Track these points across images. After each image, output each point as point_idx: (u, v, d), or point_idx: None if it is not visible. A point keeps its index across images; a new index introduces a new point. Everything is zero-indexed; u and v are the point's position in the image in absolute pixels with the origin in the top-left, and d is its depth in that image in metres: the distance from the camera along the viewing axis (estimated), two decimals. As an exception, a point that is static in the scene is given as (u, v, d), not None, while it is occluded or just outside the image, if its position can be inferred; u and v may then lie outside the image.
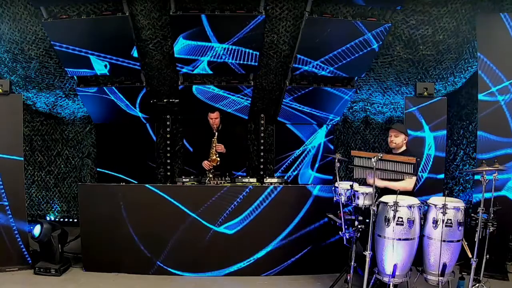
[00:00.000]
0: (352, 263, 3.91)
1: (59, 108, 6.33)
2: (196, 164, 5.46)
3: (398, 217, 3.58)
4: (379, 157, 3.67)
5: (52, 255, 4.53)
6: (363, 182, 4.54)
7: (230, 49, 5.12)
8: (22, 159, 4.74)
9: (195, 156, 5.58)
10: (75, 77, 5.53)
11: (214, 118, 5.25)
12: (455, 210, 3.60)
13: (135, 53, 5.07)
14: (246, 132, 6.55)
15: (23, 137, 4.86)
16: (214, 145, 5.19)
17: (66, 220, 6.58)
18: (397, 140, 4.21)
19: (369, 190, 3.83)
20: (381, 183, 3.96)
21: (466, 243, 3.68)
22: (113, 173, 6.39)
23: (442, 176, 5.14)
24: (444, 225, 3.56)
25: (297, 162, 6.59)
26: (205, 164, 5.23)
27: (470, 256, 3.65)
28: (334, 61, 5.31)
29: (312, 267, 4.60)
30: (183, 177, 5.07)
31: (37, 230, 4.55)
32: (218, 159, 5.18)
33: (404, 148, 4.26)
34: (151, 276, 4.51)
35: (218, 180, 4.94)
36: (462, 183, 5.95)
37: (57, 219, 6.54)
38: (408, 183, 3.96)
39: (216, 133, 5.23)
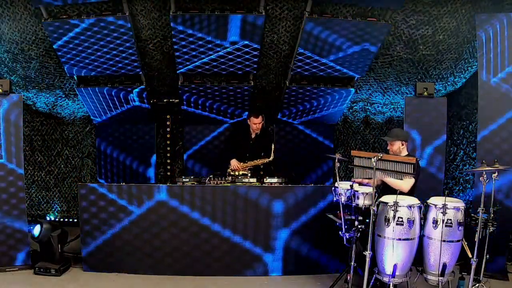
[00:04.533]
0: (352, 263, 3.91)
1: (59, 108, 6.33)
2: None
3: (398, 217, 3.58)
4: (379, 157, 3.67)
5: (52, 255, 4.53)
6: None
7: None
8: (22, 159, 4.74)
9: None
10: (75, 77, 5.53)
11: (258, 123, 5.13)
12: (455, 210, 3.60)
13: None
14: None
15: (23, 137, 4.85)
16: (259, 162, 5.18)
17: (66, 220, 6.59)
18: (394, 147, 4.23)
19: (369, 190, 3.83)
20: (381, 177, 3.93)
21: (466, 243, 3.68)
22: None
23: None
24: (444, 225, 3.56)
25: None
26: (234, 163, 5.15)
27: (470, 256, 3.65)
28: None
29: (312, 267, 4.61)
30: (183, 177, 5.07)
31: (37, 230, 4.56)
32: (250, 173, 5.18)
33: (405, 153, 4.26)
34: (151, 276, 4.51)
35: (218, 180, 4.94)
36: (462, 183, 5.95)
37: (57, 219, 6.54)
38: (405, 183, 3.94)
39: (254, 137, 5.21)
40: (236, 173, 5.20)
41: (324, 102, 6.00)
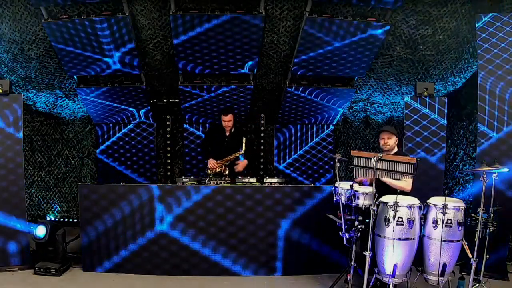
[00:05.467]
0: (352, 263, 3.91)
1: (59, 108, 6.33)
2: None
3: (398, 217, 3.58)
4: (379, 157, 3.67)
5: (56, 254, 4.54)
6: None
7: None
8: (22, 159, 4.74)
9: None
10: (75, 77, 5.53)
11: (227, 121, 5.26)
12: (455, 210, 3.60)
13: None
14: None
15: (23, 137, 4.85)
16: (232, 157, 5.20)
17: (66, 220, 6.59)
18: (391, 141, 4.25)
19: (369, 190, 3.83)
20: (383, 179, 3.95)
21: (466, 243, 3.69)
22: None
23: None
24: (444, 225, 3.56)
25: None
26: (212, 163, 5.23)
27: (470, 256, 3.65)
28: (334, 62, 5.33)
29: (312, 267, 4.61)
30: (183, 177, 5.07)
31: (42, 231, 4.53)
32: (227, 170, 5.20)
33: (396, 149, 4.30)
34: (151, 276, 4.51)
35: (218, 180, 4.94)
36: (462, 183, 5.95)
37: (57, 219, 6.54)
38: (406, 184, 3.98)
39: (228, 135, 5.31)
40: (213, 171, 5.22)
41: (324, 102, 6.01)
